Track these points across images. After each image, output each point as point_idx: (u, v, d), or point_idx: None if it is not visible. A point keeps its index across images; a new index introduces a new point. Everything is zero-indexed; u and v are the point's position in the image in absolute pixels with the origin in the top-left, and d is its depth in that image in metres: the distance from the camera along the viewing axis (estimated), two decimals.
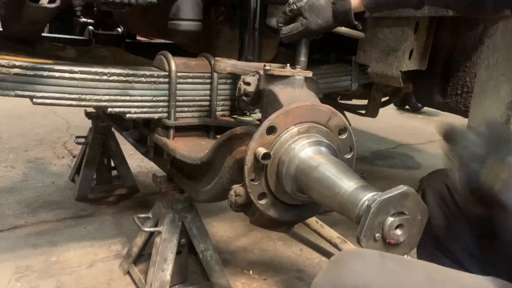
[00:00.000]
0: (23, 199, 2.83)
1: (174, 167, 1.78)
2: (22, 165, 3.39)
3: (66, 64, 1.53)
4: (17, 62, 1.43)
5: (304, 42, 1.49)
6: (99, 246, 2.37)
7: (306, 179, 1.10)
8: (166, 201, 1.85)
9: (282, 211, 1.22)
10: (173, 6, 1.65)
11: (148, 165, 3.42)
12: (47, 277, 2.08)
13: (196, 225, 1.91)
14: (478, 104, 2.10)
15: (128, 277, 2.11)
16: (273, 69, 1.26)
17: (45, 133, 4.21)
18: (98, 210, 2.77)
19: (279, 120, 1.15)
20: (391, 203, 0.91)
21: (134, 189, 2.98)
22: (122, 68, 1.60)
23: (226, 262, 2.29)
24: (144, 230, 1.86)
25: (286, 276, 2.24)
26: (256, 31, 1.79)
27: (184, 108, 1.71)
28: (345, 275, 0.82)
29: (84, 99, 1.54)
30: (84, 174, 2.82)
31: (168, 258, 1.84)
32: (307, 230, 2.53)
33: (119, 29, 2.87)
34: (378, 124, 4.20)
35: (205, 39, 2.11)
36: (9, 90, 1.43)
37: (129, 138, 2.08)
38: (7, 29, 2.03)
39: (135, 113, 1.63)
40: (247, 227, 2.62)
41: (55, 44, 2.40)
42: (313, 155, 1.12)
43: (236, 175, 1.32)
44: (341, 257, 0.90)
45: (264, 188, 1.18)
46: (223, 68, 1.42)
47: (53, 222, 2.58)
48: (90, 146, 2.80)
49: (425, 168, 4.05)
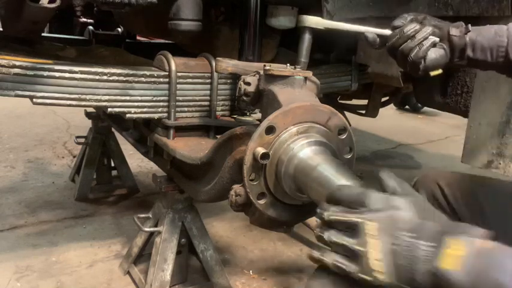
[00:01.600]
0: (23, 199, 2.83)
1: (174, 167, 1.78)
2: (22, 165, 3.40)
3: (66, 64, 1.53)
4: (17, 62, 1.43)
5: (306, 42, 1.49)
6: (99, 246, 2.37)
7: (304, 179, 1.10)
8: (166, 201, 1.85)
9: (282, 211, 1.22)
10: (173, 6, 1.65)
11: (148, 165, 3.42)
12: (47, 277, 2.08)
13: (196, 225, 1.91)
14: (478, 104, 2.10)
15: (127, 277, 2.11)
16: (272, 69, 1.26)
17: (45, 133, 4.21)
18: (98, 210, 2.77)
19: (278, 120, 1.15)
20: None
21: (134, 189, 2.98)
22: (122, 68, 1.60)
23: (226, 262, 2.29)
24: (144, 230, 1.86)
25: (286, 276, 2.24)
26: (256, 31, 1.79)
27: (184, 108, 1.71)
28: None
29: (84, 99, 1.54)
30: (84, 174, 2.82)
31: (168, 258, 1.84)
32: (307, 230, 2.53)
33: (119, 29, 2.87)
34: (378, 124, 4.20)
35: (205, 39, 2.11)
36: (9, 90, 1.43)
37: (129, 138, 2.08)
38: (7, 29, 2.03)
39: (135, 113, 1.63)
40: (247, 226, 2.63)
41: (55, 44, 2.40)
42: (312, 155, 1.12)
43: (236, 175, 1.32)
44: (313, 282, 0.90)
45: (263, 188, 1.18)
46: (225, 68, 1.42)
47: (53, 222, 2.58)
48: (90, 146, 2.80)
49: (425, 168, 4.06)
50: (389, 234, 0.76)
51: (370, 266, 0.77)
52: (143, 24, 2.40)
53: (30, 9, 1.49)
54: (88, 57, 2.23)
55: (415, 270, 0.73)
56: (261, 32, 1.81)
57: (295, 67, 1.34)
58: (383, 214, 0.79)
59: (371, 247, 0.77)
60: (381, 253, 0.76)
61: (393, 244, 0.75)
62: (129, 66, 1.66)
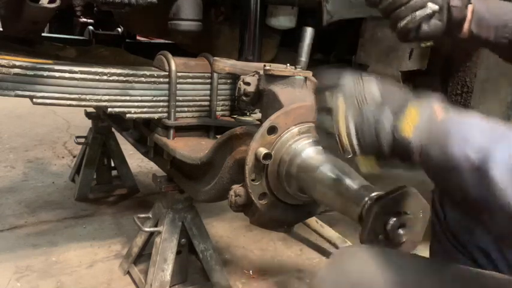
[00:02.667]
0: (23, 199, 2.83)
1: (174, 167, 1.78)
2: (22, 165, 3.39)
3: (66, 64, 1.52)
4: (17, 62, 1.43)
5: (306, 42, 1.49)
6: (99, 246, 2.37)
7: (307, 179, 1.10)
8: (166, 201, 1.85)
9: (283, 211, 1.22)
10: (173, 6, 1.65)
11: (148, 165, 3.42)
12: (47, 277, 2.08)
13: (196, 225, 1.91)
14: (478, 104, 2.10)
15: (127, 277, 2.11)
16: (273, 69, 1.26)
17: (45, 133, 4.20)
18: (98, 210, 2.77)
19: (279, 120, 1.15)
20: (393, 203, 0.91)
21: (134, 189, 2.98)
22: (122, 68, 1.59)
23: (226, 262, 2.29)
24: (144, 230, 1.86)
25: (286, 276, 2.24)
26: (256, 31, 1.79)
27: (184, 108, 1.71)
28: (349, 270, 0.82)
29: (84, 99, 1.54)
30: (84, 174, 2.82)
31: (168, 258, 1.83)
32: (307, 230, 2.53)
33: (119, 29, 2.87)
34: None
35: (205, 39, 2.11)
36: (9, 90, 1.43)
37: (129, 138, 2.08)
38: (7, 29, 2.03)
39: (135, 113, 1.63)
40: (247, 226, 2.62)
41: (55, 44, 2.40)
42: (314, 155, 1.12)
43: (236, 175, 1.32)
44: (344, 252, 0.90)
45: (264, 188, 1.18)
46: (222, 68, 1.42)
47: (53, 222, 2.58)
48: (90, 146, 2.80)
49: None
50: (356, 108, 0.81)
51: (343, 141, 0.82)
52: (143, 24, 2.41)
53: (30, 9, 1.49)
54: (88, 57, 2.23)
55: (380, 139, 0.78)
56: (261, 32, 1.81)
57: (296, 67, 1.34)
58: (350, 88, 0.83)
59: (340, 122, 0.82)
60: (347, 125, 0.81)
61: (359, 116, 0.80)
62: (129, 66, 1.66)
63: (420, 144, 0.74)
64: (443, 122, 0.74)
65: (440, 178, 0.75)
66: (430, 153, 0.72)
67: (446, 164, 0.69)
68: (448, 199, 1.18)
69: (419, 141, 0.74)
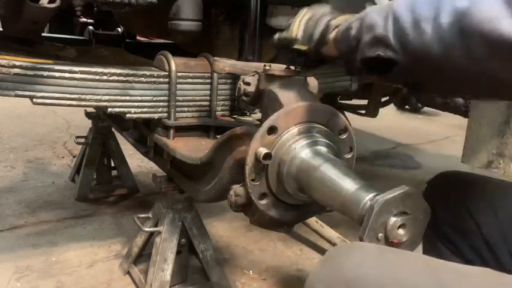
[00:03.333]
0: (23, 199, 2.83)
1: (174, 167, 1.78)
2: (22, 165, 3.39)
3: (66, 64, 1.52)
4: (17, 62, 1.43)
5: None
6: (99, 246, 2.37)
7: (307, 179, 1.10)
8: (166, 201, 1.85)
9: (283, 211, 1.22)
10: (173, 6, 1.65)
11: (148, 165, 3.42)
12: (47, 277, 2.08)
13: (196, 225, 1.91)
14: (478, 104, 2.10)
15: (127, 277, 2.11)
16: (273, 69, 1.26)
17: (45, 133, 4.21)
18: (98, 210, 2.77)
19: (279, 120, 1.15)
20: (393, 203, 0.91)
21: (134, 189, 2.98)
22: (122, 68, 1.59)
23: (226, 262, 2.29)
24: (144, 230, 1.86)
25: (286, 276, 2.24)
26: (256, 31, 1.79)
27: (184, 108, 1.71)
28: (344, 266, 0.81)
29: (84, 99, 1.54)
30: (84, 174, 2.82)
31: (168, 258, 1.84)
32: (307, 230, 2.53)
33: (119, 29, 2.87)
34: (378, 124, 4.20)
35: (205, 39, 2.11)
36: (9, 90, 1.43)
37: (129, 138, 2.08)
38: (7, 29, 2.03)
39: (135, 113, 1.63)
40: (247, 226, 2.63)
41: (55, 44, 2.40)
42: (314, 155, 1.13)
43: (236, 175, 1.32)
44: (339, 249, 0.90)
45: (264, 188, 1.18)
46: (222, 68, 1.42)
47: (53, 222, 2.58)
48: (90, 146, 2.80)
49: (425, 168, 4.06)
50: (310, 15, 1.14)
51: (292, 32, 1.15)
52: (143, 24, 2.40)
53: (30, 9, 1.49)
54: (88, 57, 2.23)
55: (316, 29, 1.10)
56: (261, 32, 1.80)
57: (296, 67, 1.34)
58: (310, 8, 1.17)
59: (295, 23, 1.15)
60: (299, 25, 1.14)
61: (308, 19, 1.13)
62: (129, 66, 1.66)
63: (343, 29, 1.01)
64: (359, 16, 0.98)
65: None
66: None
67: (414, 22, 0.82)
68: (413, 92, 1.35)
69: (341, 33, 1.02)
